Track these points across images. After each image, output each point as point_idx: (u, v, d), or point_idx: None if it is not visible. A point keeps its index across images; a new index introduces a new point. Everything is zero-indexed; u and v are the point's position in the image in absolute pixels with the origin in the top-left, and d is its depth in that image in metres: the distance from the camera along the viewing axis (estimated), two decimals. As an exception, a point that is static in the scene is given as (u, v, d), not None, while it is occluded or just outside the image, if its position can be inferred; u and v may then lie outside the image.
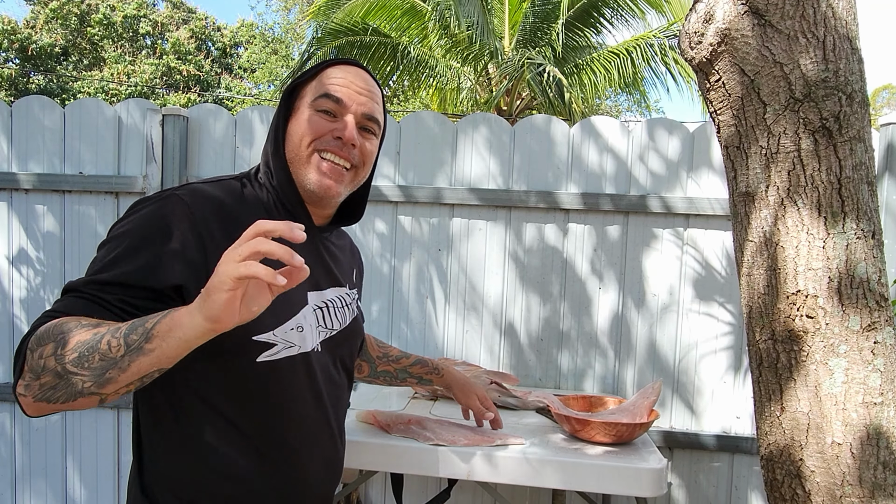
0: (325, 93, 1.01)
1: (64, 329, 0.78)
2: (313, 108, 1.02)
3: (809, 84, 1.15)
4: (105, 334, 0.76)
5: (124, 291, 0.86)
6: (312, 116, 1.02)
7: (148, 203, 0.93)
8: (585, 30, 9.61)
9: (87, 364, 0.76)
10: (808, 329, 1.16)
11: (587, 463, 1.51)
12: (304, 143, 1.01)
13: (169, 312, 0.76)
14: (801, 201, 1.17)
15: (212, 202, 0.95)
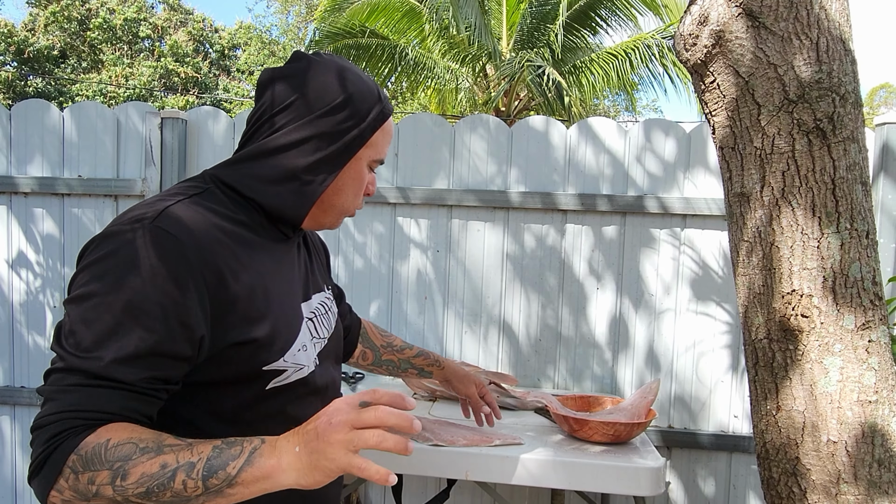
0: (382, 160, 1.03)
1: (121, 455, 0.72)
2: (367, 165, 1.01)
3: (803, 85, 1.16)
4: (178, 471, 0.72)
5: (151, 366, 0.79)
6: (363, 175, 1.00)
7: (128, 243, 0.80)
8: (583, 31, 9.63)
9: (156, 499, 0.73)
10: (803, 328, 1.17)
11: (585, 462, 1.51)
12: (355, 199, 1.01)
13: (252, 456, 0.73)
14: (795, 201, 1.18)
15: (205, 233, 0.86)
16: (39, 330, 2.40)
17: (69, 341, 0.77)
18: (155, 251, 0.80)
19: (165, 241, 0.80)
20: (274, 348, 0.90)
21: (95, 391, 0.75)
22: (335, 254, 2.34)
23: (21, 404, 2.42)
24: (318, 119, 0.95)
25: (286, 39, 19.09)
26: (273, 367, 0.90)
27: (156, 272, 0.79)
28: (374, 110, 0.98)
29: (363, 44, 8.88)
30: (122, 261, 0.79)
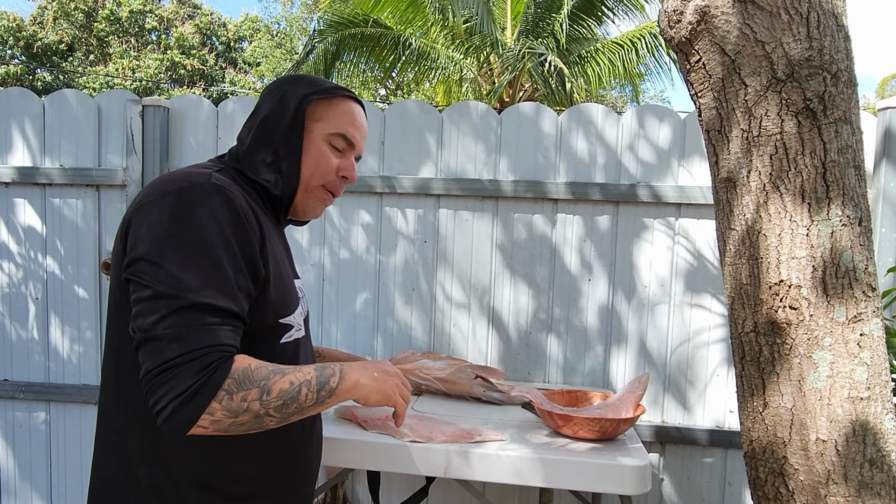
0: (343, 134, 1.12)
1: (262, 376, 0.90)
2: (328, 143, 1.11)
3: (792, 63, 1.10)
4: (302, 385, 0.94)
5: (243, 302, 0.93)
6: (327, 153, 1.11)
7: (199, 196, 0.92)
8: (588, 20, 9.51)
9: (285, 410, 0.92)
10: (791, 321, 1.11)
11: (568, 460, 1.46)
12: (318, 180, 1.11)
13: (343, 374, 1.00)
14: (783, 187, 1.11)
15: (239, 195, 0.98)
16: (22, 322, 2.37)
17: (173, 283, 0.86)
18: (222, 203, 0.92)
19: (228, 197, 0.94)
20: (288, 304, 1.06)
21: (222, 328, 0.88)
22: (321, 244, 2.28)
23: (5, 397, 2.38)
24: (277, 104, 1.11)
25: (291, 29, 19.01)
26: (286, 321, 1.05)
27: (230, 220, 0.92)
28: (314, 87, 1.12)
29: (367, 33, 8.80)
30: (201, 211, 0.90)
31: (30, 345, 2.38)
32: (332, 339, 2.30)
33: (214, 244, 0.89)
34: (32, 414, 2.40)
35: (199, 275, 0.87)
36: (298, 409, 0.93)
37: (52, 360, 2.37)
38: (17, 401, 2.39)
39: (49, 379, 2.38)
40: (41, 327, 2.36)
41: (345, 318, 2.29)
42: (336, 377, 0.99)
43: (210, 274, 0.88)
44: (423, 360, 1.99)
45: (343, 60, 9.58)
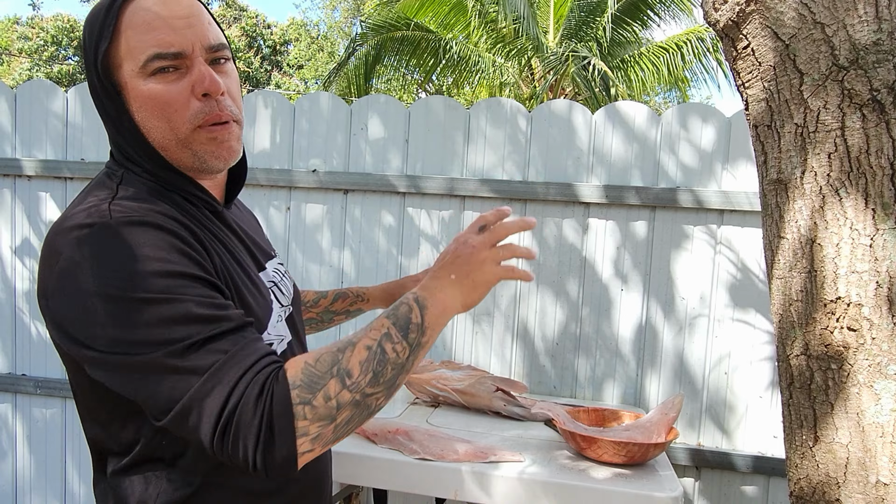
0: (153, 54, 0.78)
1: (329, 362, 0.74)
2: (146, 76, 0.79)
3: (857, 48, 0.95)
4: (383, 343, 0.76)
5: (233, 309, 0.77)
6: (155, 88, 0.79)
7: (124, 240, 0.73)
8: (632, 24, 9.29)
9: (382, 379, 0.75)
10: (849, 344, 0.96)
11: (590, 487, 1.33)
12: (178, 128, 0.81)
13: (421, 303, 0.80)
14: (843, 190, 0.97)
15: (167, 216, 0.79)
16: (40, 318, 2.34)
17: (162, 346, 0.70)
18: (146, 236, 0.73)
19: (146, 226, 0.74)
20: (260, 319, 0.86)
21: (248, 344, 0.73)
22: (340, 246, 2.20)
23: (22, 392, 2.36)
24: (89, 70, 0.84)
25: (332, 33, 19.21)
26: None
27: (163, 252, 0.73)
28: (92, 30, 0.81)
29: (408, 37, 8.77)
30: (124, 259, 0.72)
31: (48, 341, 2.35)
32: (350, 344, 2.21)
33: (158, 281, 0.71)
34: (49, 410, 2.37)
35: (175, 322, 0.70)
36: (398, 368, 0.76)
37: (70, 356, 2.35)
38: (35, 396, 2.36)
39: (65, 375, 2.34)
40: (60, 322, 2.33)
41: (364, 323, 2.20)
42: (416, 310, 0.79)
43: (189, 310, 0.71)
44: (441, 370, 1.88)
45: (384, 63, 9.58)
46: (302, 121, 2.19)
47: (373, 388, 0.74)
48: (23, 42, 17.27)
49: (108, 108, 0.83)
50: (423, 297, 0.81)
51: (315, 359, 0.74)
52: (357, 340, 0.76)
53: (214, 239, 0.85)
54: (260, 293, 0.88)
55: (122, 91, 0.81)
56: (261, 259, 0.97)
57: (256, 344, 0.74)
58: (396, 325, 0.78)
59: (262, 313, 0.87)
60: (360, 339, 0.76)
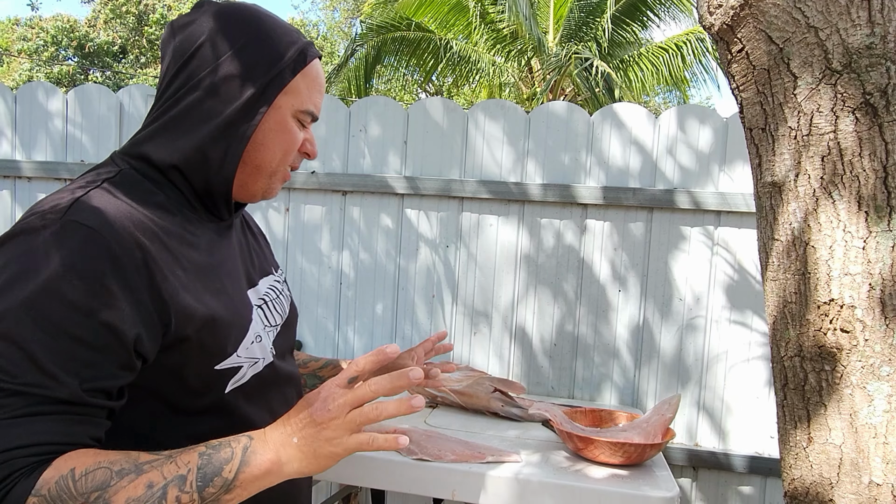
0: (310, 111, 0.88)
1: (95, 484, 0.64)
2: (296, 119, 0.87)
3: (850, 52, 0.96)
4: (168, 487, 0.66)
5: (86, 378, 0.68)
6: (293, 128, 0.87)
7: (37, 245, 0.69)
8: (632, 24, 9.30)
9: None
10: (842, 346, 0.97)
11: (587, 487, 1.34)
12: (284, 158, 0.88)
13: (247, 456, 0.70)
14: (837, 193, 0.98)
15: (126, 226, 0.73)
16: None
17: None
18: (68, 247, 0.68)
19: (81, 235, 0.69)
20: (225, 343, 0.81)
21: (37, 420, 0.65)
22: (339, 247, 2.21)
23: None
24: (228, 61, 0.82)
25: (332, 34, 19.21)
26: (227, 366, 0.81)
27: (73, 272, 0.67)
28: (292, 49, 0.85)
29: (408, 37, 8.78)
30: (30, 265, 0.67)
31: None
32: (350, 345, 2.22)
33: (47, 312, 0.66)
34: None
35: (18, 353, 0.65)
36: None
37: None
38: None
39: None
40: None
41: (363, 324, 2.21)
42: (235, 461, 0.69)
43: (37, 349, 0.65)
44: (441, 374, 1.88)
45: (384, 64, 9.59)
46: (301, 122, 2.20)
47: None
48: (22, 43, 17.27)
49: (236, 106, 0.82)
50: (253, 449, 0.71)
51: (84, 472, 0.65)
52: (146, 470, 0.66)
53: (204, 250, 0.83)
54: (235, 310, 0.84)
55: (269, 109, 0.84)
56: (254, 276, 0.94)
57: (62, 424, 0.66)
58: (201, 471, 0.68)
59: (231, 334, 0.82)
60: (150, 471, 0.66)
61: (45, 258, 0.67)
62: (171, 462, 0.68)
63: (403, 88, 14.17)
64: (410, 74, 11.43)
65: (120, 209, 0.74)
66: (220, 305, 0.81)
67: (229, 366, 0.82)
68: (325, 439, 0.71)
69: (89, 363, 0.68)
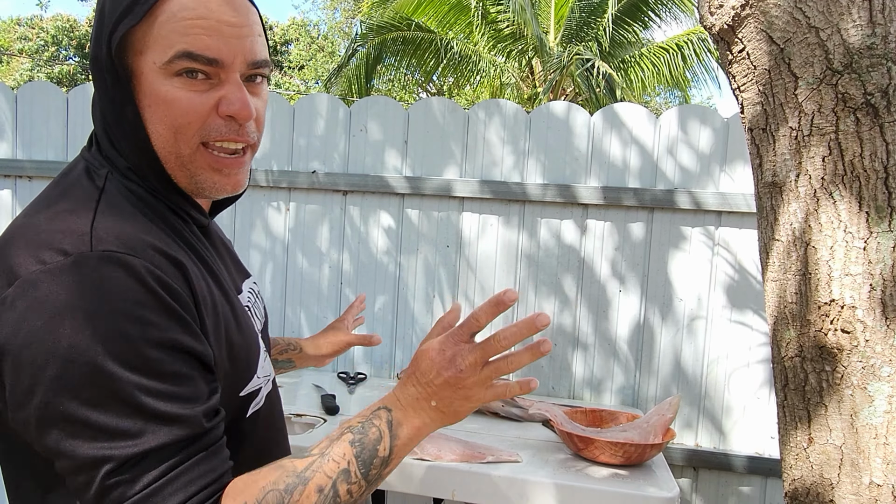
0: (184, 51, 0.67)
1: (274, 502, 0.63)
2: (169, 74, 0.68)
3: (851, 52, 0.96)
4: (337, 485, 0.65)
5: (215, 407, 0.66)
6: (175, 92, 0.68)
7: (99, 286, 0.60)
8: (633, 25, 9.30)
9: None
10: (843, 346, 0.97)
11: (587, 487, 1.34)
12: (184, 141, 0.70)
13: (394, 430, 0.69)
14: (838, 193, 0.98)
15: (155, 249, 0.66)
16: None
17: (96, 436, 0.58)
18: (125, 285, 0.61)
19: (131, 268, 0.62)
20: (249, 366, 0.77)
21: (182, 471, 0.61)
22: (339, 246, 2.21)
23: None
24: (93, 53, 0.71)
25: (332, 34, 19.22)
26: (249, 390, 0.77)
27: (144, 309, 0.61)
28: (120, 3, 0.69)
29: (409, 37, 8.78)
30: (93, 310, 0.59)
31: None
32: (349, 345, 2.21)
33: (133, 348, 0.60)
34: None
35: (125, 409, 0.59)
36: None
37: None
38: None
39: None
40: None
41: (362, 324, 2.20)
42: (385, 440, 0.69)
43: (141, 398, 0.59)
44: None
45: (384, 64, 9.59)
46: (301, 122, 2.20)
47: None
48: (23, 42, 17.28)
49: (112, 91, 0.70)
50: (397, 420, 0.70)
51: (257, 502, 0.63)
52: (310, 476, 0.65)
53: (201, 265, 0.74)
54: (247, 327, 0.78)
55: (134, 80, 0.69)
56: (238, 281, 0.86)
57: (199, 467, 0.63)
58: (359, 459, 0.67)
59: (250, 354, 0.78)
60: (314, 475, 0.65)
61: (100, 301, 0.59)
62: (329, 460, 0.66)
63: (404, 89, 14.17)
64: (411, 74, 11.43)
65: (139, 228, 0.67)
66: (235, 323, 0.75)
67: (252, 389, 0.77)
68: (463, 398, 0.70)
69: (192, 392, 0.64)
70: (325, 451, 0.67)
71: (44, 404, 0.58)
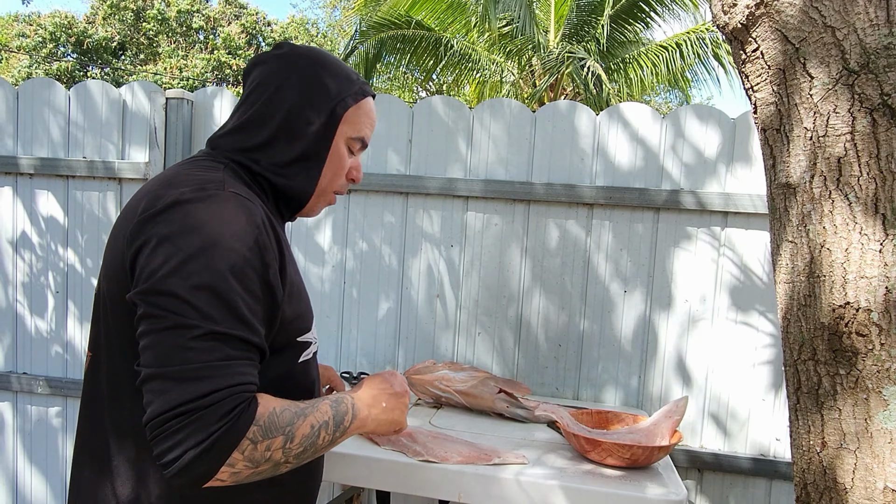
0: (362, 138, 1.04)
1: (287, 421, 0.82)
2: (348, 146, 1.03)
3: (868, 52, 0.95)
4: (320, 428, 0.86)
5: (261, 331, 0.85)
6: (345, 156, 1.04)
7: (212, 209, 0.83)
8: (634, 24, 9.28)
9: (303, 455, 0.85)
10: (858, 349, 0.96)
11: (595, 490, 1.33)
12: (335, 182, 1.04)
13: (354, 410, 0.94)
14: (853, 195, 0.96)
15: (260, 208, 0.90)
16: (41, 314, 2.34)
17: (192, 311, 0.76)
18: (243, 218, 0.83)
19: (248, 209, 0.85)
20: (306, 320, 0.98)
21: (244, 363, 0.79)
22: (343, 245, 2.19)
23: (23, 391, 2.36)
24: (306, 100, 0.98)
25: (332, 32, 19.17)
26: (304, 339, 0.98)
27: (250, 239, 0.82)
28: (346, 86, 1.01)
29: (408, 35, 8.75)
30: (218, 226, 0.81)
31: (49, 338, 2.34)
32: (352, 345, 2.20)
33: (235, 267, 0.80)
34: (49, 409, 2.36)
35: (217, 302, 0.78)
36: (313, 453, 0.87)
37: (70, 354, 2.34)
38: (39, 395, 2.36)
39: (67, 374, 2.34)
40: (60, 320, 2.33)
41: (365, 324, 2.19)
42: (349, 414, 0.93)
43: (230, 301, 0.79)
44: (443, 371, 1.87)
45: (384, 62, 9.56)
46: (304, 120, 2.18)
47: (295, 459, 0.84)
48: (20, 39, 17.21)
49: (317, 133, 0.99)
50: (357, 406, 0.95)
51: (281, 410, 0.82)
52: (309, 414, 0.86)
53: (283, 242, 0.95)
54: (307, 295, 1.02)
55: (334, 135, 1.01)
56: None
57: (251, 368, 0.81)
58: (335, 419, 0.89)
59: (309, 311, 1.00)
60: (310, 414, 0.86)
61: (225, 221, 0.81)
62: (317, 410, 0.87)
63: (403, 87, 14.14)
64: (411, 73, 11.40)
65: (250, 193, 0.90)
66: (303, 287, 0.99)
67: (305, 339, 0.99)
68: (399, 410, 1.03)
69: (261, 316, 0.84)
70: (314, 403, 0.88)
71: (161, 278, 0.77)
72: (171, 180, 0.86)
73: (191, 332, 0.75)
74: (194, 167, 0.92)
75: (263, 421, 0.79)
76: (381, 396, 1.00)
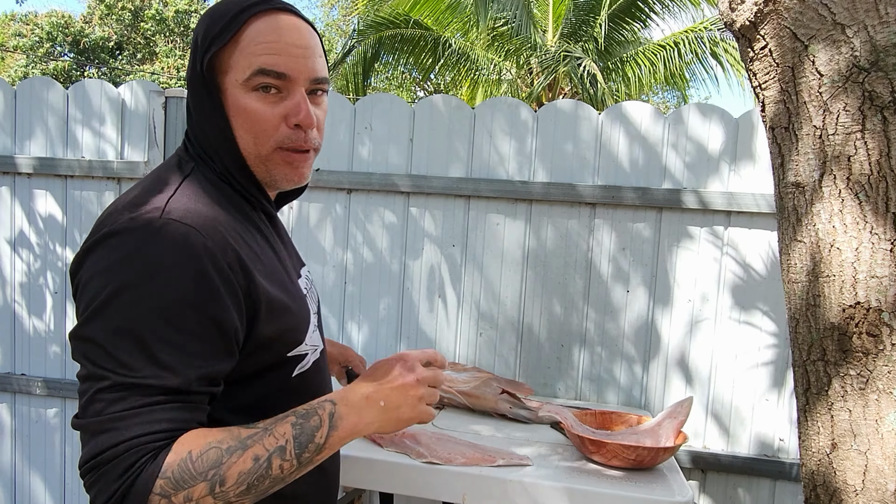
0: (259, 69, 0.82)
1: (210, 463, 0.72)
2: (248, 89, 0.84)
3: (878, 50, 0.94)
4: (272, 458, 0.75)
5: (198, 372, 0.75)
6: (253, 104, 0.84)
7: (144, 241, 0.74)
8: (632, 23, 9.27)
9: (255, 490, 0.75)
10: (868, 350, 0.95)
11: (600, 491, 1.32)
12: (262, 145, 0.86)
13: (334, 421, 0.80)
14: (863, 194, 0.95)
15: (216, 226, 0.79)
16: (39, 314, 2.32)
17: (106, 359, 0.71)
18: (176, 248, 0.74)
19: (183, 234, 0.75)
20: (297, 332, 0.89)
21: (155, 410, 0.72)
22: (343, 245, 2.18)
23: (22, 392, 2.34)
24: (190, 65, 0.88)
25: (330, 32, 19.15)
26: (296, 353, 0.89)
27: (183, 271, 0.74)
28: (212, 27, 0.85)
29: (407, 35, 8.73)
30: (144, 262, 0.73)
31: (47, 338, 2.33)
32: (353, 346, 2.19)
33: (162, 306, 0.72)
34: (48, 410, 2.35)
35: (134, 348, 0.71)
36: (276, 482, 0.76)
37: (68, 355, 2.32)
38: (36, 397, 2.34)
39: (65, 375, 2.32)
40: (58, 321, 2.31)
41: (366, 324, 2.18)
42: (324, 428, 0.79)
43: (148, 346, 0.71)
44: (446, 372, 1.86)
45: (382, 62, 9.54)
46: (305, 119, 2.17)
47: (240, 497, 0.74)
48: (17, 39, 17.16)
49: (205, 102, 0.86)
50: (339, 414, 0.81)
51: (203, 451, 0.72)
52: (251, 445, 0.74)
53: (265, 243, 0.89)
54: (300, 300, 0.91)
55: (222, 95, 0.85)
56: (297, 268, 0.99)
57: (167, 412, 0.72)
58: (297, 441, 0.77)
59: (299, 322, 0.89)
60: (256, 444, 0.75)
61: (152, 256, 0.73)
62: (270, 435, 0.76)
63: (401, 86, 14.13)
64: (409, 72, 11.39)
65: (208, 208, 0.80)
66: (289, 298, 0.87)
67: (297, 353, 0.89)
68: (406, 405, 0.86)
69: (198, 354, 0.74)
70: (268, 427, 0.77)
71: (83, 322, 0.74)
72: (123, 198, 0.81)
73: (100, 384, 0.71)
74: (158, 177, 0.84)
75: (172, 472, 0.70)
76: (378, 394, 0.84)
